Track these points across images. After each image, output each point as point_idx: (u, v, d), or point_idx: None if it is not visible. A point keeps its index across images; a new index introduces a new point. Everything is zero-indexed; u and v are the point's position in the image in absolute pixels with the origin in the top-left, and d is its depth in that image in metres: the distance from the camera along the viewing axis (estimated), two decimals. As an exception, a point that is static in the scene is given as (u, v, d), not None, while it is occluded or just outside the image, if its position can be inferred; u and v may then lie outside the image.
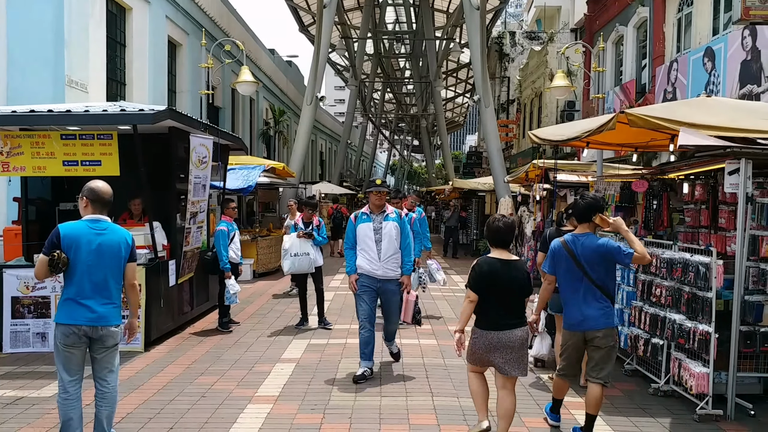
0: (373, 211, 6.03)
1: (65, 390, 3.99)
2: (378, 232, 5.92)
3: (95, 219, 4.08)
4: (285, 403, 5.24)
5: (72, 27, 11.22)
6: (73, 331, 3.95)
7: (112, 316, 4.06)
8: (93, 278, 4.00)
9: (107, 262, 4.04)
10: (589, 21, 20.25)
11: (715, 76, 11.64)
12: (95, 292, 4.00)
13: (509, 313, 4.34)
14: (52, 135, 6.80)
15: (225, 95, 20.50)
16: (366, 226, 5.95)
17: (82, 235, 4.00)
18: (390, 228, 5.95)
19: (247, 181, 12.13)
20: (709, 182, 6.28)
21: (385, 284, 5.97)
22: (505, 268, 4.34)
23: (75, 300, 3.97)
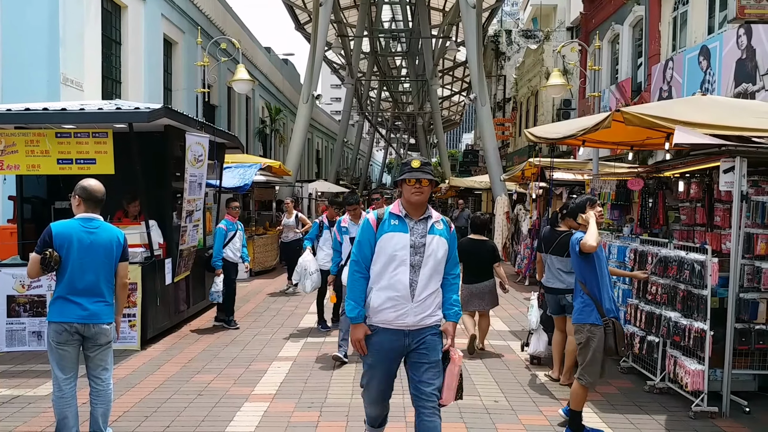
0: (409, 213, 3.55)
1: (60, 388, 3.99)
2: (419, 252, 3.47)
3: (88, 218, 4.08)
4: (282, 401, 5.24)
5: (67, 25, 11.18)
6: (65, 329, 3.96)
7: (104, 313, 4.07)
8: (85, 276, 4.00)
9: (99, 261, 4.05)
10: (585, 19, 20.29)
11: (711, 75, 11.68)
12: (87, 290, 4.01)
13: (479, 273, 6.83)
14: (47, 133, 6.77)
15: (221, 93, 20.46)
16: (399, 238, 3.48)
17: (75, 234, 4.00)
18: (436, 246, 3.51)
19: (244, 179, 12.12)
20: (705, 180, 6.30)
21: (418, 338, 3.50)
22: (476, 245, 6.88)
23: (67, 298, 3.98)
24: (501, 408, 5.15)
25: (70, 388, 4.02)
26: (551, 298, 5.98)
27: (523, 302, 9.96)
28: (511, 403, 5.26)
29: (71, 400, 4.02)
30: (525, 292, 11.05)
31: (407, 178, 3.50)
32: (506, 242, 15.30)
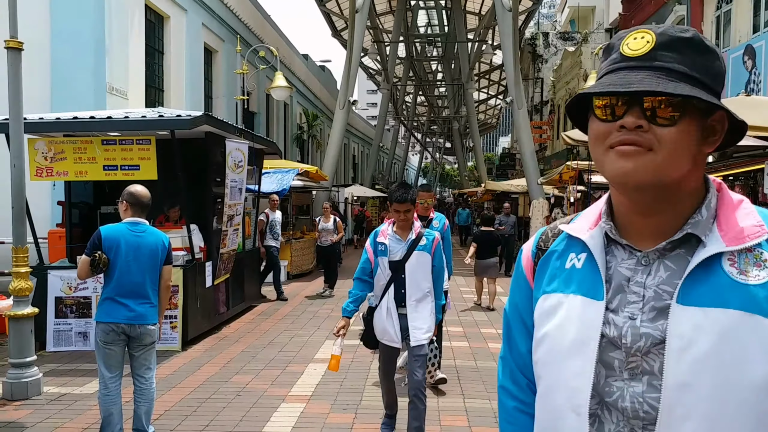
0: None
1: (106, 386, 4.14)
2: None
3: (135, 222, 4.25)
4: (317, 402, 5.31)
5: (112, 36, 11.57)
6: (113, 329, 4.11)
7: (149, 314, 4.22)
8: (132, 278, 4.16)
9: (145, 263, 4.21)
10: (624, 20, 19.94)
11: (756, 75, 11.35)
12: (133, 291, 4.16)
13: (487, 252, 9.96)
14: (94, 140, 7.02)
15: (260, 100, 20.82)
16: None
17: (122, 237, 4.17)
18: None
19: (282, 184, 12.31)
20: (749, 183, 6.14)
21: None
22: (485, 234, 10.16)
23: (114, 299, 4.14)
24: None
25: (115, 386, 4.17)
26: None
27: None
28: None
29: (116, 397, 4.17)
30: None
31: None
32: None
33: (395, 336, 4.14)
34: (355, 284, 4.22)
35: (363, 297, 4.22)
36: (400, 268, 4.09)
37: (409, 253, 4.08)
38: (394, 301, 4.12)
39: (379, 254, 4.14)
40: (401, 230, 4.16)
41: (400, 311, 4.12)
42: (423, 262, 4.12)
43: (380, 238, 4.18)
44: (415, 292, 4.12)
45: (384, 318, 4.13)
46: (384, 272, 4.13)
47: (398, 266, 4.09)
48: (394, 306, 4.12)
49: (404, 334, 4.12)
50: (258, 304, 10.16)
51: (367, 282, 4.19)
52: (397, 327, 4.13)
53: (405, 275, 4.09)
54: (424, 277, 4.14)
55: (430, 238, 4.16)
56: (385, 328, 4.16)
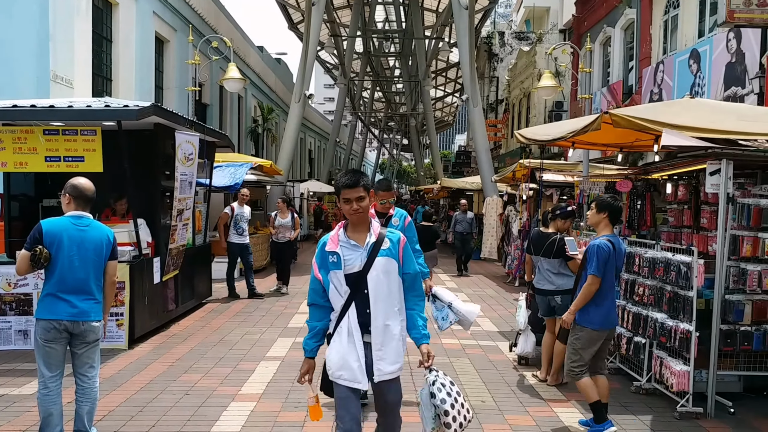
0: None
1: (46, 386, 3.97)
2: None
3: (78, 215, 4.09)
4: (268, 401, 5.23)
5: (57, 22, 11.11)
6: (54, 326, 3.94)
7: (93, 311, 4.07)
8: (75, 274, 4.01)
9: (89, 259, 4.06)
10: (577, 22, 20.39)
11: (701, 78, 11.76)
12: (77, 287, 4.02)
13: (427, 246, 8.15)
14: (35, 130, 6.72)
15: (213, 92, 20.40)
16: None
17: (65, 231, 4.01)
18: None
19: (234, 178, 12.08)
20: (692, 182, 6.35)
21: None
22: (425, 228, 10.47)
23: (56, 295, 3.98)
24: (488, 408, 5.16)
25: (55, 386, 4.01)
26: (541, 299, 5.99)
27: (512, 303, 9.98)
28: (498, 404, 5.27)
29: (56, 397, 4.00)
30: (515, 292, 11.08)
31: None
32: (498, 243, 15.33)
33: (360, 372, 3.12)
34: (311, 313, 3.29)
35: (325, 327, 3.26)
36: (360, 282, 3.14)
37: (371, 262, 3.14)
38: (359, 325, 3.15)
39: (331, 267, 3.16)
40: (356, 232, 3.22)
41: (365, 338, 3.16)
42: (389, 270, 3.18)
43: (329, 247, 3.19)
44: (384, 310, 3.16)
45: (345, 348, 3.14)
46: (340, 289, 3.16)
47: (358, 280, 3.14)
48: (358, 331, 3.14)
49: (371, 371, 3.16)
50: (208, 302, 9.96)
51: (323, 308, 3.25)
52: (362, 359, 3.12)
53: (368, 290, 3.14)
54: (392, 290, 3.19)
55: (395, 239, 3.25)
56: (345, 361, 3.12)
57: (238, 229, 10.44)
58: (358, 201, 3.15)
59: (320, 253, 3.24)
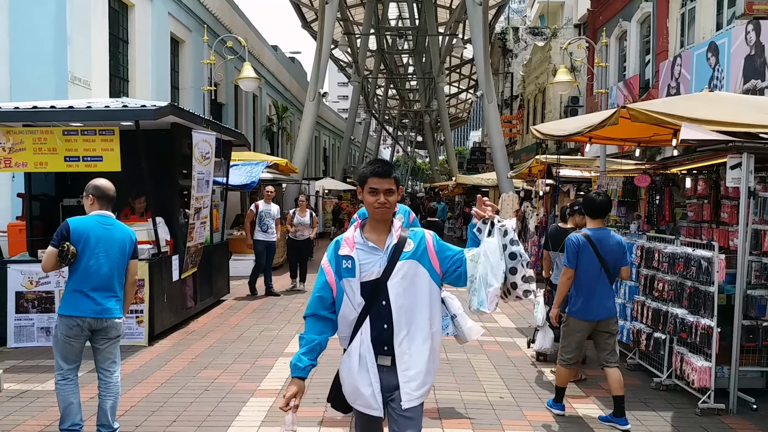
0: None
1: (64, 377, 4.08)
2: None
3: (103, 215, 4.22)
4: (287, 397, 5.25)
5: (74, 24, 11.24)
6: (78, 323, 4.02)
7: (115, 308, 4.16)
8: (100, 271, 4.10)
9: (113, 257, 4.15)
10: (592, 16, 20.20)
11: (719, 72, 11.60)
12: (101, 285, 4.10)
13: None
14: (55, 131, 6.81)
15: (228, 92, 20.52)
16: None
17: (92, 230, 4.11)
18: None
19: (250, 177, 12.15)
20: (712, 177, 6.27)
21: None
22: (431, 224, 9.94)
23: (81, 292, 4.06)
24: (506, 404, 5.15)
25: (74, 377, 4.12)
26: None
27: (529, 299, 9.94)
28: (516, 399, 5.26)
29: (75, 387, 4.11)
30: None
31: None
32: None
33: (373, 400, 2.64)
34: (308, 325, 2.72)
35: (322, 344, 2.70)
36: (379, 292, 2.60)
37: (392, 266, 2.61)
38: (371, 345, 2.63)
39: (345, 275, 2.63)
40: (375, 232, 2.68)
41: (380, 361, 2.63)
42: (415, 275, 2.63)
43: (343, 250, 2.66)
44: (408, 324, 2.62)
45: (355, 372, 2.66)
46: (354, 301, 2.63)
47: (376, 289, 2.61)
48: (371, 353, 2.63)
49: (388, 397, 2.66)
50: (226, 299, 10.03)
51: (326, 320, 2.70)
52: (375, 385, 2.63)
53: (388, 301, 2.60)
54: (419, 299, 2.65)
55: (418, 237, 2.70)
56: (356, 388, 2.67)
57: (263, 226, 10.30)
58: (387, 194, 2.64)
59: (333, 256, 2.68)
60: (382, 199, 2.64)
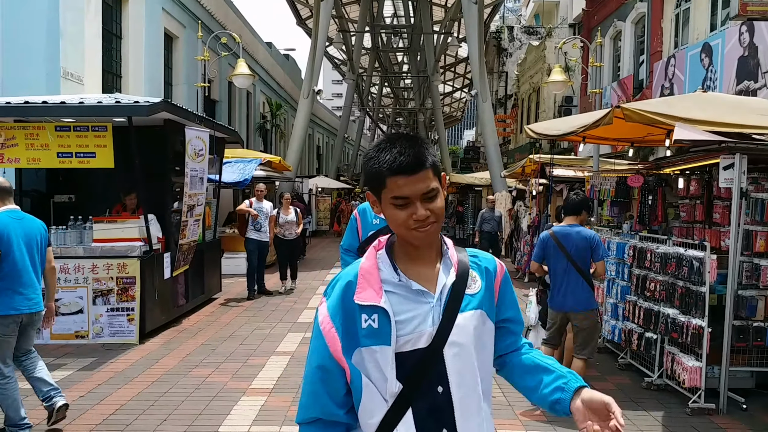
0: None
1: (4, 376, 4.09)
2: None
3: (11, 209, 4.25)
4: (279, 395, 5.24)
5: (67, 18, 11.15)
6: (14, 321, 4.10)
7: (41, 299, 4.29)
8: (26, 266, 4.17)
9: (33, 249, 4.23)
10: (587, 16, 20.24)
11: (713, 72, 11.65)
12: (29, 279, 4.18)
13: None
14: (47, 127, 6.77)
15: (222, 88, 20.43)
16: None
17: (10, 226, 4.14)
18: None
19: (244, 174, 12.10)
20: (704, 177, 6.29)
21: None
22: None
23: (14, 289, 4.10)
24: (498, 404, 5.15)
25: (12, 372, 4.16)
26: None
27: (522, 299, 9.96)
28: (508, 399, 5.26)
29: (16, 382, 4.16)
30: (524, 288, 11.05)
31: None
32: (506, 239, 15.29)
33: None
34: None
35: None
36: (430, 369, 1.51)
37: (451, 322, 1.52)
38: None
39: (367, 342, 1.50)
40: (417, 263, 1.57)
41: None
42: (481, 335, 1.58)
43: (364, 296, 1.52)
44: (477, 418, 1.55)
45: None
46: (384, 388, 1.49)
47: (425, 364, 1.50)
48: None
49: None
50: (218, 297, 10.00)
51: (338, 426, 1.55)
52: None
53: (448, 384, 1.51)
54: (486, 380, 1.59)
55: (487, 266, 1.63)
56: None
57: (256, 225, 10.01)
58: (428, 200, 1.49)
59: (340, 307, 1.52)
60: (422, 213, 1.46)
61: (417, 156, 1.49)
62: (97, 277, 6.86)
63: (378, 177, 1.51)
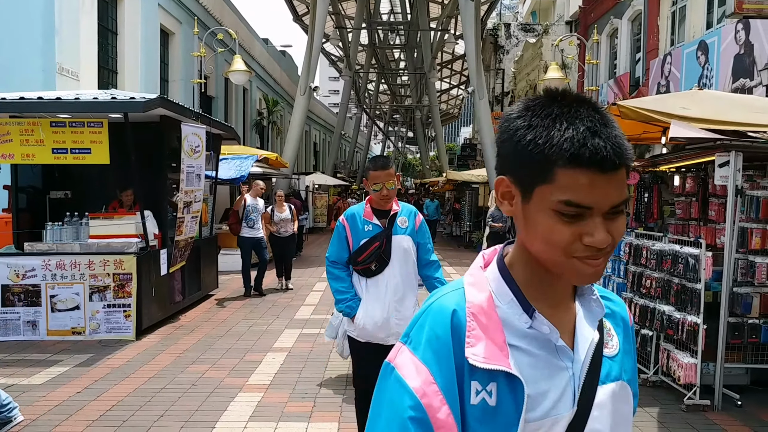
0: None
1: None
2: None
3: None
4: (276, 391, 5.25)
5: (62, 14, 11.12)
6: None
7: None
8: None
9: None
10: (584, 13, 20.25)
11: (709, 70, 11.68)
12: None
13: None
14: (42, 122, 6.74)
15: (218, 85, 20.40)
16: None
17: None
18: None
19: (240, 171, 12.09)
20: (700, 175, 6.31)
21: None
22: None
23: None
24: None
25: None
26: None
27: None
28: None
29: None
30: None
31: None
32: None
33: None
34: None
35: None
36: None
37: (591, 393, 1.00)
38: None
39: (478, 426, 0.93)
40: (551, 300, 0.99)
41: None
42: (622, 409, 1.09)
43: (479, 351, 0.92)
44: None
45: None
46: None
47: None
48: None
49: None
50: (214, 294, 9.99)
51: None
52: None
53: None
54: None
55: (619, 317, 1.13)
56: None
57: (249, 222, 9.74)
58: (612, 216, 0.93)
59: (443, 364, 0.92)
60: (602, 236, 0.90)
61: (618, 144, 0.91)
62: (94, 274, 6.85)
63: (541, 162, 0.90)
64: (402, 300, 3.54)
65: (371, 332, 3.51)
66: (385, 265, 3.49)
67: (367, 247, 3.48)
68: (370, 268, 3.49)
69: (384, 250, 3.47)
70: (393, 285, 3.51)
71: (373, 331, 3.50)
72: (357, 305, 3.53)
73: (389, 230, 3.51)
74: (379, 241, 3.46)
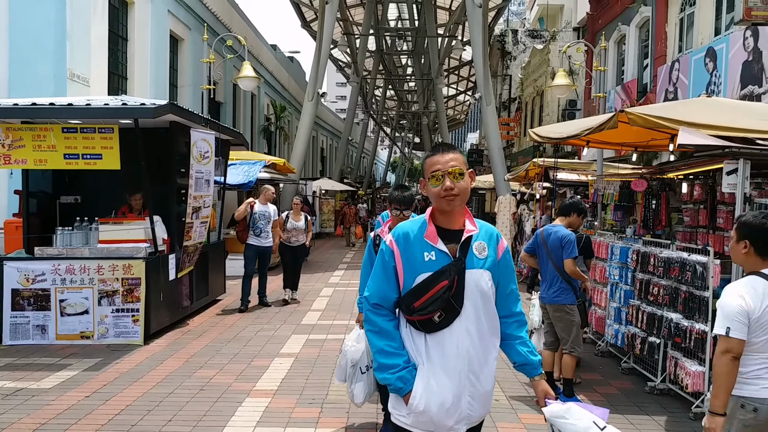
0: None
1: None
2: None
3: None
4: (283, 397, 5.27)
5: (74, 21, 11.23)
6: None
7: None
8: None
9: None
10: (591, 20, 20.25)
11: (717, 77, 11.65)
12: None
13: None
14: (54, 128, 6.82)
15: (226, 90, 20.51)
16: None
17: None
18: None
19: (248, 176, 12.16)
20: (708, 182, 6.30)
21: None
22: None
23: None
24: (502, 407, 5.16)
25: None
26: None
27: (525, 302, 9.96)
28: (512, 403, 5.28)
29: None
30: (527, 292, 11.05)
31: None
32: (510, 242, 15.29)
33: None
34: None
35: None
36: None
37: None
38: None
39: None
40: None
41: None
42: None
43: None
44: None
45: None
46: None
47: None
48: None
49: None
50: (222, 299, 10.02)
51: None
52: None
53: None
54: None
55: None
56: None
57: (256, 230, 9.18)
58: None
59: None
60: None
61: None
62: (103, 278, 6.91)
63: None
64: (481, 368, 2.36)
65: (436, 419, 2.31)
66: (455, 315, 2.31)
67: (430, 287, 2.29)
68: (433, 319, 2.30)
69: (455, 292, 2.29)
70: (466, 346, 2.32)
71: (438, 418, 2.31)
72: (413, 377, 2.32)
73: (462, 261, 2.33)
74: (447, 278, 2.29)
